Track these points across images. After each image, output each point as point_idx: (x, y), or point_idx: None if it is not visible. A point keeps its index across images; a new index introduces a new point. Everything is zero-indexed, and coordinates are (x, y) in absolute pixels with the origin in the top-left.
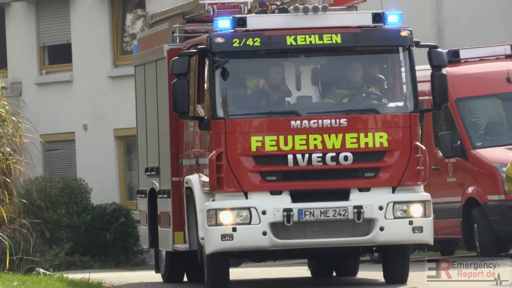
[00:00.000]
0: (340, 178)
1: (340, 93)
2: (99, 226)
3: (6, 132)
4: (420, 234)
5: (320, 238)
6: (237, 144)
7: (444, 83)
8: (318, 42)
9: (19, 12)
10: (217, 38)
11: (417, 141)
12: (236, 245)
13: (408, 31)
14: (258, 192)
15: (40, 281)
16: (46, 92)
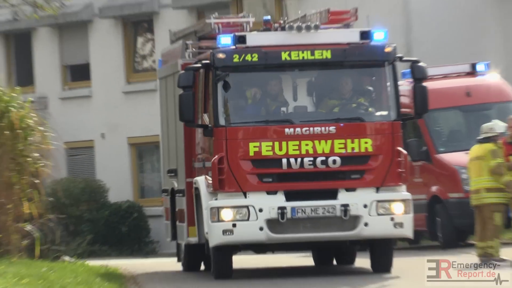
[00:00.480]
0: (329, 180)
1: (330, 104)
2: (115, 220)
3: (34, 140)
4: (401, 229)
5: (311, 233)
6: (237, 149)
7: (425, 94)
8: (310, 57)
9: (44, 36)
10: (219, 54)
11: (399, 146)
12: (236, 239)
13: (392, 47)
14: (255, 192)
15: (65, 267)
16: (68, 105)
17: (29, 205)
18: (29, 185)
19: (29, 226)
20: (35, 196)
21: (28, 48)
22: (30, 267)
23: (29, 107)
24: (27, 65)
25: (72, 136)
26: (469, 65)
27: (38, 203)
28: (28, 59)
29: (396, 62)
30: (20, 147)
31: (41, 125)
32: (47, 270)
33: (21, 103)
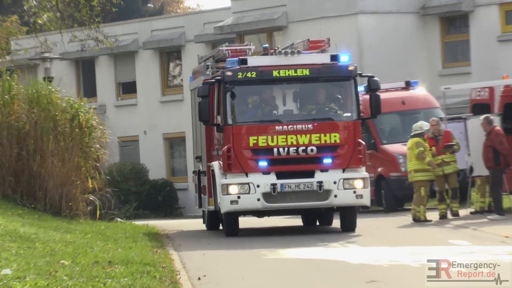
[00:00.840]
0: (308, 163)
1: (308, 108)
2: (153, 192)
3: (96, 135)
4: (361, 200)
5: (295, 202)
6: (240, 141)
7: (378, 101)
8: (294, 74)
9: (103, 62)
10: (227, 72)
11: (359, 139)
12: (240, 207)
13: (354, 66)
14: (254, 173)
15: (117, 226)
16: (120, 111)
17: (92, 181)
18: (92, 167)
19: (92, 196)
20: (96, 175)
21: (92, 70)
22: (92, 226)
23: (92, 112)
24: (91, 82)
25: (123, 132)
26: (404, 82)
27: (99, 180)
28: (92, 78)
29: (357, 77)
30: (86, 140)
31: (101, 125)
32: (104, 228)
33: (87, 109)
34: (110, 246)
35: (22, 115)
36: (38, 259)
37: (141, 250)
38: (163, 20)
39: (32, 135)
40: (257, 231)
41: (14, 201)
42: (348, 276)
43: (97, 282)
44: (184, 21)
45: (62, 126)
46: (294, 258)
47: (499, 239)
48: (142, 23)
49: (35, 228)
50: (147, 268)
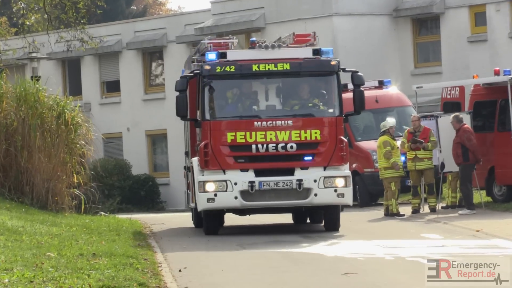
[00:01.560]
0: (287, 161)
1: (289, 103)
2: (136, 187)
3: (81, 132)
4: (342, 199)
5: (274, 201)
6: (218, 137)
7: (362, 97)
8: (273, 69)
9: (88, 62)
10: (205, 65)
11: (341, 136)
12: (216, 205)
13: (336, 61)
14: (232, 170)
15: (101, 220)
16: (105, 108)
17: (77, 176)
18: (77, 163)
19: (77, 191)
20: (81, 170)
21: (77, 70)
22: (77, 219)
23: (78, 110)
24: (77, 81)
25: (107, 129)
26: (377, 81)
27: (83, 175)
28: (77, 77)
29: (339, 72)
30: (71, 137)
31: (86, 122)
32: (89, 222)
33: (73, 107)
34: (95, 239)
35: (10, 112)
36: (25, 251)
37: (124, 243)
38: (146, 22)
39: (20, 132)
40: (240, 229)
41: (2, 195)
42: (324, 269)
43: (81, 274)
44: (166, 22)
45: (48, 123)
46: (272, 252)
47: (470, 233)
48: (126, 25)
49: (22, 221)
50: (129, 260)
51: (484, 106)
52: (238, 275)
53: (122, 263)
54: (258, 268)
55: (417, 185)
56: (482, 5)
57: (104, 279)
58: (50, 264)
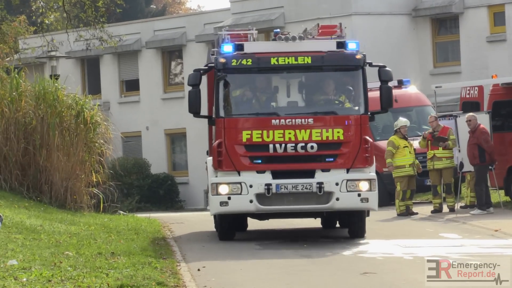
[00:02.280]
0: (307, 162)
1: (310, 100)
2: (155, 186)
3: (100, 131)
4: (367, 203)
5: (292, 205)
6: (232, 136)
7: (390, 93)
8: (294, 62)
9: (108, 61)
10: (221, 58)
11: (366, 135)
12: (230, 209)
13: (362, 55)
14: (247, 171)
15: (120, 218)
16: (124, 107)
17: (95, 175)
18: (96, 162)
19: (95, 190)
20: (100, 169)
21: (97, 68)
22: (96, 218)
23: (97, 109)
24: (96, 80)
25: (126, 128)
26: (397, 80)
27: (102, 174)
28: (97, 76)
29: (365, 67)
30: (90, 136)
31: (105, 121)
32: (107, 221)
33: (92, 106)
34: (113, 238)
35: (29, 111)
36: (43, 250)
37: (143, 242)
38: (165, 21)
39: (39, 131)
40: (261, 234)
41: (21, 194)
42: (343, 268)
43: (100, 273)
44: (185, 21)
45: (67, 122)
46: (291, 251)
47: (489, 233)
48: (145, 24)
49: (40, 220)
50: (148, 260)
51: (503, 105)
52: (257, 274)
53: (141, 262)
54: (276, 267)
55: (437, 185)
56: (501, 5)
57: (122, 278)
58: (69, 263)
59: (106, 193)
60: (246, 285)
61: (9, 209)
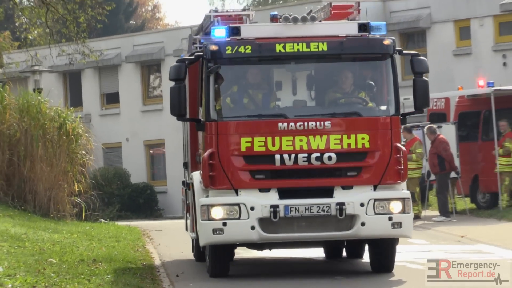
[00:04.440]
0: (324, 177)
1: (326, 98)
2: (135, 195)
3: (82, 142)
4: (400, 229)
5: (305, 233)
6: (228, 144)
7: (425, 88)
8: (305, 50)
9: (89, 74)
10: (212, 45)
11: (397, 143)
12: (226, 238)
13: (391, 39)
14: (247, 189)
15: (101, 226)
16: (105, 119)
17: (78, 185)
18: (78, 172)
19: (77, 199)
20: (82, 179)
21: (78, 82)
22: (78, 226)
23: (78, 121)
24: (77, 93)
25: (107, 139)
26: None
27: (84, 184)
28: (78, 89)
29: (394, 56)
30: (72, 147)
31: (87, 133)
32: (89, 228)
33: (74, 118)
34: (95, 245)
35: (13, 123)
36: (27, 257)
37: (124, 249)
38: (144, 36)
39: (23, 142)
40: (255, 267)
41: (6, 203)
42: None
43: (82, 279)
44: (164, 36)
45: (50, 134)
46: (268, 257)
47: (455, 239)
48: (125, 39)
49: (25, 228)
50: (129, 266)
51: (469, 116)
52: (232, 279)
53: (122, 268)
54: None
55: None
56: (467, 20)
57: (104, 284)
58: (52, 269)
59: (88, 202)
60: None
61: None
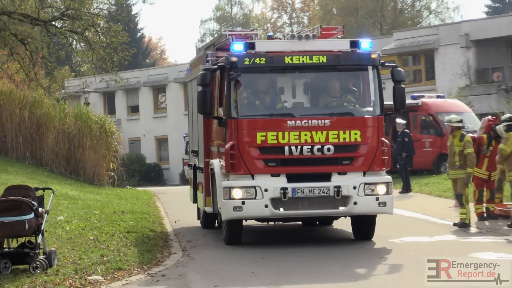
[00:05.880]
0: (324, 165)
1: (325, 100)
2: (149, 171)
3: (115, 137)
4: (384, 208)
5: (308, 210)
6: (246, 138)
7: (402, 94)
8: (308, 61)
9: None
10: (232, 57)
11: (382, 137)
12: (244, 214)
13: (376, 54)
14: (261, 174)
15: (127, 191)
16: (130, 122)
17: (112, 164)
18: (112, 156)
19: (112, 173)
20: (115, 160)
21: (112, 98)
22: (112, 191)
23: (113, 123)
24: (112, 106)
25: (131, 135)
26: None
27: (116, 163)
28: (113, 103)
29: (379, 67)
30: (109, 140)
31: (118, 131)
32: (119, 192)
33: (110, 122)
34: (123, 202)
35: (70, 125)
36: (79, 210)
37: (141, 205)
38: (155, 69)
39: (77, 137)
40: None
41: (66, 176)
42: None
43: (115, 224)
44: (167, 70)
45: (94, 131)
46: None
47: None
48: (142, 71)
49: (78, 191)
50: (144, 216)
51: None
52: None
53: (140, 217)
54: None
55: None
56: None
57: (128, 227)
58: (95, 218)
59: (118, 175)
60: (205, 231)
61: (58, 185)
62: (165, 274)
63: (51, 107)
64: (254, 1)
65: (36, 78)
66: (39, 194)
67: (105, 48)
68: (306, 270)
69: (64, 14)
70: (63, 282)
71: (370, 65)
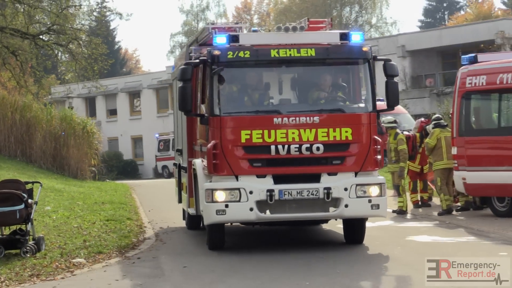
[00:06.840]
0: (313, 165)
1: (314, 96)
2: (126, 166)
3: (96, 136)
4: (377, 210)
5: (297, 213)
6: (229, 136)
7: (396, 89)
8: (296, 55)
9: (100, 99)
10: (215, 50)
11: (375, 135)
12: (228, 218)
13: (368, 47)
14: (246, 175)
15: (107, 184)
16: (109, 124)
17: (93, 160)
18: (93, 153)
19: (93, 168)
20: (96, 157)
21: (93, 103)
22: (93, 184)
23: (94, 125)
24: (93, 109)
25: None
26: None
27: (97, 160)
28: (93, 107)
29: (371, 61)
30: (90, 139)
31: (98, 131)
32: (100, 185)
33: (91, 123)
34: (103, 194)
35: (56, 126)
36: (64, 201)
37: (119, 196)
38: (131, 77)
39: (62, 137)
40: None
41: (52, 171)
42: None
43: (96, 213)
44: (141, 77)
45: (78, 132)
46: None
47: None
48: (120, 78)
49: (63, 185)
50: (122, 205)
51: None
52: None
53: (118, 207)
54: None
55: None
56: None
57: (108, 216)
58: (79, 208)
59: (99, 170)
60: (177, 218)
61: (46, 179)
62: (140, 257)
63: (39, 110)
64: (218, 17)
65: (26, 85)
66: (28, 187)
67: (86, 59)
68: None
69: (50, 29)
70: (50, 264)
71: (361, 58)
